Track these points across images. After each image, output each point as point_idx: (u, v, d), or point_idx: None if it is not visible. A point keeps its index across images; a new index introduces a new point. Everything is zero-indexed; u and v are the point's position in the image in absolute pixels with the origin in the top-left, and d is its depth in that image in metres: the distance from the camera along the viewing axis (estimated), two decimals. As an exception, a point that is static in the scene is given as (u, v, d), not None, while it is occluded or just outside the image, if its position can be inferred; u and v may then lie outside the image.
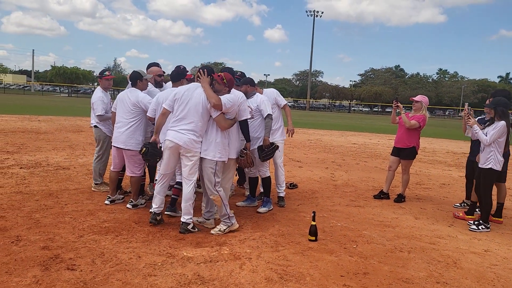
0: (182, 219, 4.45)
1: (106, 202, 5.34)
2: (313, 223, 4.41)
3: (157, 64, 5.83)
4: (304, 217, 5.24)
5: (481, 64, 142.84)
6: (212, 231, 4.51)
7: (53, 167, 7.51)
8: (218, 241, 4.26)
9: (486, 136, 5.08)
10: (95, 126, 5.91)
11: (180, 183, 4.76)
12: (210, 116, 4.41)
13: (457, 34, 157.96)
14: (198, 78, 4.50)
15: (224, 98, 4.35)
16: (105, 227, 4.47)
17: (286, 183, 6.60)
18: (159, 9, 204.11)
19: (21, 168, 7.24)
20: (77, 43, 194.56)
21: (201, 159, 4.45)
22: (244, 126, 4.68)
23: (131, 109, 5.08)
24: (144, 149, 4.57)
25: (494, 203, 5.48)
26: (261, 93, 5.57)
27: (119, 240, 4.10)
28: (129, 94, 5.15)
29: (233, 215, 4.63)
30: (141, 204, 5.31)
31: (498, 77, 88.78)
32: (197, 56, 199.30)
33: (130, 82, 5.25)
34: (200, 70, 4.50)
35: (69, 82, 69.10)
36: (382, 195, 6.58)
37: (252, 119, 5.11)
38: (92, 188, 6.02)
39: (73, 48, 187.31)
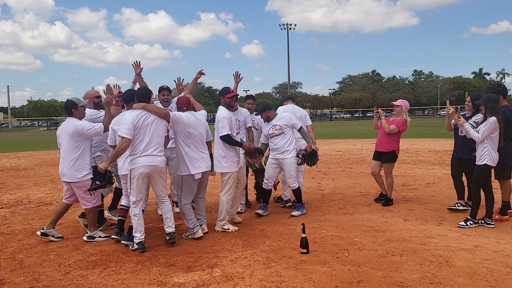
0: (170, 230, 4.73)
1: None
2: (304, 235, 4.39)
3: (92, 88, 5.89)
4: (295, 230, 5.21)
5: (454, 62, 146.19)
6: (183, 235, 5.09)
7: (35, 204, 7.33)
8: (209, 263, 4.18)
9: (478, 133, 5.06)
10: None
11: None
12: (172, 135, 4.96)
13: (430, 35, 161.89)
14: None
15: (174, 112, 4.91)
16: (92, 260, 4.35)
17: (274, 197, 6.99)
18: (135, 35, 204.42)
19: (1, 208, 7.04)
20: (54, 75, 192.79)
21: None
22: (227, 140, 5.18)
23: (71, 139, 4.82)
24: (96, 183, 4.58)
25: (496, 198, 5.39)
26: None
27: (108, 273, 3.99)
28: (65, 125, 4.93)
29: (196, 225, 5.03)
30: (100, 236, 5.03)
31: (472, 73, 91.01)
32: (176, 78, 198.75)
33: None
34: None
35: (47, 115, 68.13)
36: (382, 198, 6.68)
37: (282, 135, 5.88)
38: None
39: (50, 81, 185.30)
